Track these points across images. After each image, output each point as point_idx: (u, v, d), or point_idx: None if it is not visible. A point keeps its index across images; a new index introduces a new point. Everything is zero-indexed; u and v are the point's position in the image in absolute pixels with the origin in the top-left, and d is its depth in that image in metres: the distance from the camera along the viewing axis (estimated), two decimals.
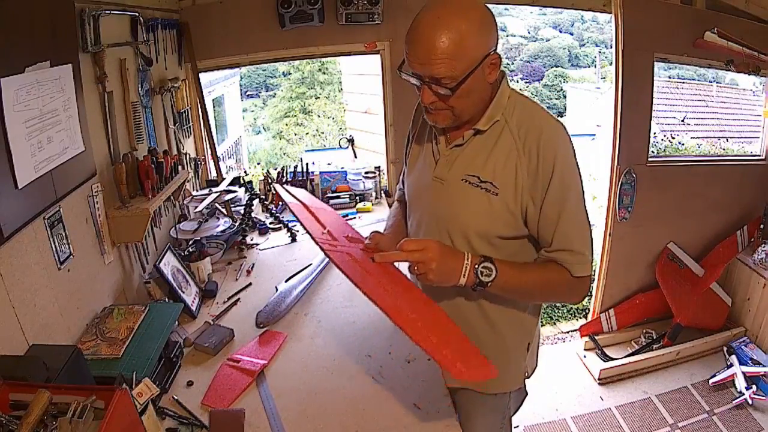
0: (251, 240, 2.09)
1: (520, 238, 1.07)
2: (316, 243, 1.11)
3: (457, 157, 1.07)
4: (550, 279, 1.02)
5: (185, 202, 2.06)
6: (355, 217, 2.36)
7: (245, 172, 3.30)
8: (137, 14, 1.71)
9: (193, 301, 1.56)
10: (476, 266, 0.96)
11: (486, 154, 1.03)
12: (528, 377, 1.30)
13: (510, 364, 1.22)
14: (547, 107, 1.18)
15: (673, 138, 6.01)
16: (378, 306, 0.92)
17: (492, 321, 1.14)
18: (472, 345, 0.88)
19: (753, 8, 2.59)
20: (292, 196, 1.42)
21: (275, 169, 2.68)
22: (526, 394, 1.34)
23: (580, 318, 3.43)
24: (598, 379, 2.70)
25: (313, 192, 2.54)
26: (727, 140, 6.41)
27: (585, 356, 2.89)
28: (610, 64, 4.24)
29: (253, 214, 2.16)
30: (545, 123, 1.01)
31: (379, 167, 2.64)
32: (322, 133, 12.33)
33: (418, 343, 0.85)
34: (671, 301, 2.86)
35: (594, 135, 7.83)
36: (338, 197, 2.51)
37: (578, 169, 1.02)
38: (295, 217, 1.28)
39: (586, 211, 1.03)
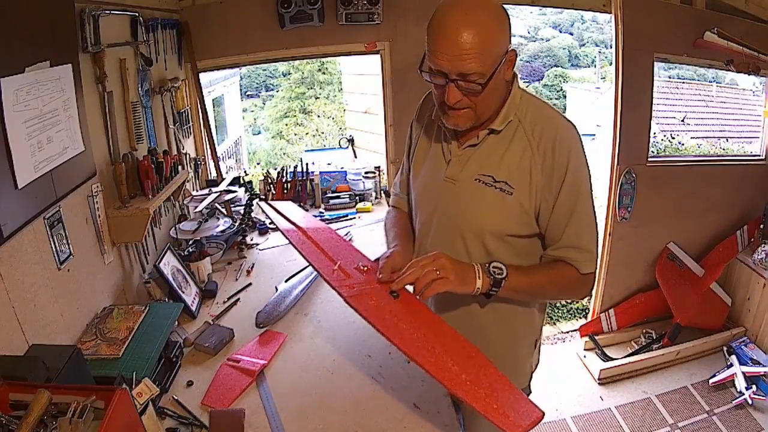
0: (251, 240, 2.09)
1: (532, 237, 1.08)
2: (335, 290, 1.07)
3: (470, 157, 1.07)
4: (559, 277, 1.05)
5: (185, 202, 2.06)
6: (355, 217, 2.36)
7: (245, 172, 3.30)
8: (137, 14, 1.71)
9: (193, 301, 1.56)
10: (486, 266, 0.99)
11: (500, 154, 1.04)
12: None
13: (518, 362, 1.22)
14: None
15: (673, 138, 6.01)
16: (421, 366, 0.90)
17: (504, 316, 1.15)
18: (512, 386, 0.86)
19: (753, 8, 2.59)
20: (284, 217, 1.40)
21: (275, 169, 2.68)
22: (530, 393, 1.34)
23: (580, 318, 3.42)
24: (598, 379, 2.70)
25: (313, 192, 2.54)
26: (727, 140, 6.41)
27: (585, 356, 2.89)
28: (610, 64, 4.24)
29: (253, 214, 2.16)
30: (559, 124, 1.03)
31: (379, 167, 2.63)
32: (322, 133, 12.30)
33: (469, 402, 0.83)
34: (671, 301, 2.85)
35: (594, 135, 7.80)
36: (338, 197, 2.51)
37: (588, 168, 1.05)
38: (299, 250, 1.26)
39: (594, 209, 1.06)
